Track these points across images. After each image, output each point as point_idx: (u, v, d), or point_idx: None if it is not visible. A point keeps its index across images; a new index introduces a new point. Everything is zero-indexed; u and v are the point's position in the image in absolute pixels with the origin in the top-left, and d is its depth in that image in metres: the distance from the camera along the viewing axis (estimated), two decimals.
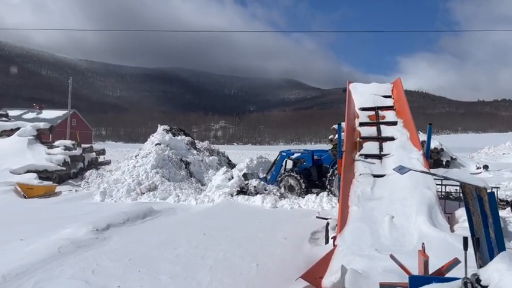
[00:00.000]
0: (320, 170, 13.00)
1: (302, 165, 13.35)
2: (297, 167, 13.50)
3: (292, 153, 13.84)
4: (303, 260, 5.96)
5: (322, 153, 13.52)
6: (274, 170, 13.95)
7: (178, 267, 5.63)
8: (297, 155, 13.83)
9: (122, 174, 14.16)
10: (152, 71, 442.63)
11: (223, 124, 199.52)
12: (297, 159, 13.84)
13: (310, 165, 13.11)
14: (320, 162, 13.14)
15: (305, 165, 13.23)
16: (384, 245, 4.78)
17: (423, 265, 3.15)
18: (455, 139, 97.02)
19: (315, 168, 13.03)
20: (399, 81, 10.32)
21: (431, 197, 5.63)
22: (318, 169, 13.03)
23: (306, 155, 13.48)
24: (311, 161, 13.12)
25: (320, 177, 12.88)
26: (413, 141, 7.73)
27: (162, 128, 17.55)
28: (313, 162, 13.11)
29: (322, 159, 13.17)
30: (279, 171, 13.76)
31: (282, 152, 14.14)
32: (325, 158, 13.08)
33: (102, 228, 7.52)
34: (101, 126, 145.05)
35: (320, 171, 12.99)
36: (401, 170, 3.07)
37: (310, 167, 13.09)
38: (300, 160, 13.60)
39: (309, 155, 13.28)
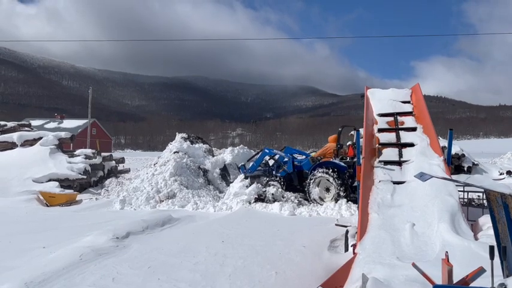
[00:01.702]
0: (301, 176, 13.30)
1: (283, 171, 13.64)
2: (279, 172, 13.81)
3: (274, 153, 14.29)
4: (322, 268, 5.90)
5: (302, 159, 13.91)
6: (255, 162, 14.51)
7: (197, 275, 5.64)
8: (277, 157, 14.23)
9: (141, 182, 14.30)
10: (170, 79, 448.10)
11: (240, 131, 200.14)
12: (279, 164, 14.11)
13: (291, 171, 13.42)
14: (300, 168, 13.42)
15: (286, 170, 13.52)
16: (405, 253, 4.69)
17: (447, 274, 3.07)
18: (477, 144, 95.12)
19: (296, 174, 13.36)
20: (418, 86, 10.18)
21: (453, 204, 5.51)
22: (299, 174, 13.35)
23: (287, 161, 13.84)
24: (292, 166, 13.41)
25: (301, 182, 13.18)
26: (433, 147, 7.59)
27: (180, 136, 17.69)
28: (293, 168, 13.40)
29: (302, 165, 13.43)
30: (258, 165, 14.34)
31: (265, 149, 14.81)
32: (305, 164, 13.32)
33: (122, 236, 7.60)
34: (120, 135, 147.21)
35: (301, 176, 13.28)
36: (422, 177, 3.02)
37: (291, 173, 13.40)
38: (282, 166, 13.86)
39: (290, 161, 13.61)
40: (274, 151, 14.48)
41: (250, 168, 14.45)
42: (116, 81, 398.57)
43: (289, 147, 15.44)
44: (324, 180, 11.98)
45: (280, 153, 14.19)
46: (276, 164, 14.19)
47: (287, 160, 13.89)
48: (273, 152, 14.41)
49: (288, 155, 14.07)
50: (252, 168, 14.36)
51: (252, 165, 14.56)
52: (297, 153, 15.12)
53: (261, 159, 14.46)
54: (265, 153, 14.48)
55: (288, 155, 14.13)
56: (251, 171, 14.29)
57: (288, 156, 13.95)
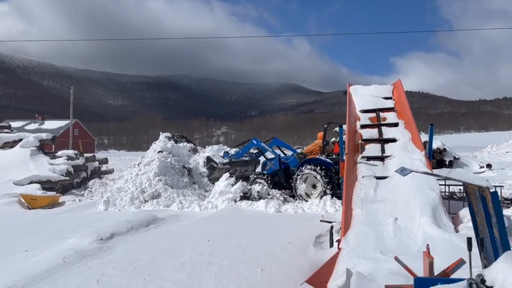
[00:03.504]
0: (287, 173, 13.38)
1: (270, 168, 13.71)
2: (266, 169, 13.90)
3: (261, 146, 14.36)
4: (308, 264, 5.95)
5: (288, 156, 14.08)
6: (241, 150, 14.72)
7: (183, 275, 5.62)
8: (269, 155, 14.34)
9: (125, 182, 14.17)
10: (153, 78, 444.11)
11: (225, 130, 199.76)
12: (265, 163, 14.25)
13: (277, 168, 13.49)
14: (287, 165, 13.53)
15: (273, 168, 13.60)
16: (388, 247, 4.76)
17: (428, 266, 3.13)
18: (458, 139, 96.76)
19: (282, 171, 13.43)
20: (399, 82, 10.31)
21: (434, 197, 5.61)
22: (286, 172, 13.42)
23: (273, 158, 13.95)
24: (278, 164, 13.49)
25: (287, 179, 13.25)
26: (415, 142, 7.71)
27: (164, 136, 17.58)
28: (280, 165, 13.48)
29: (289, 162, 13.56)
30: (244, 153, 14.54)
31: (253, 139, 14.87)
32: (291, 161, 13.47)
33: (106, 237, 7.52)
34: (103, 135, 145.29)
35: (287, 173, 13.36)
36: (403, 171, 3.07)
37: (278, 170, 13.47)
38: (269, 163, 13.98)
39: (276, 159, 13.71)
40: (262, 144, 14.48)
41: (235, 155, 14.56)
42: (98, 81, 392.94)
43: (277, 139, 15.44)
44: (311, 177, 12.02)
45: (265, 147, 14.22)
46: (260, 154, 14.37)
47: (273, 157, 13.94)
48: (260, 145, 14.44)
49: (274, 152, 14.11)
50: (237, 155, 14.49)
51: (237, 152, 14.70)
52: (284, 146, 15.21)
53: (247, 148, 14.54)
54: (253, 144, 14.55)
55: (274, 151, 14.16)
56: (236, 157, 14.38)
57: (275, 153, 13.98)
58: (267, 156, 14.49)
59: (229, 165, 14.63)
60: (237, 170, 14.36)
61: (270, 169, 13.72)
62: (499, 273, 1.83)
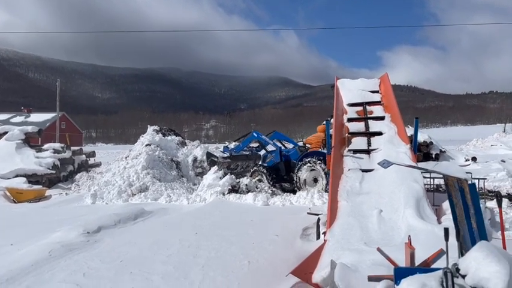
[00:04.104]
0: (288, 165, 13.26)
1: (271, 161, 13.59)
2: (266, 162, 13.75)
3: (262, 138, 14.11)
4: (294, 256, 6.00)
5: (289, 149, 13.92)
6: (242, 144, 14.48)
7: (170, 267, 5.64)
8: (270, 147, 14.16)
9: (113, 176, 14.10)
10: (141, 71, 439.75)
11: (214, 123, 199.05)
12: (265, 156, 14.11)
13: (278, 161, 13.37)
14: (288, 158, 13.41)
15: (273, 160, 13.47)
16: (372, 238, 4.84)
17: (409, 257, 3.21)
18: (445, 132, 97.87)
19: (283, 164, 13.30)
20: (386, 76, 10.40)
21: (418, 190, 5.70)
22: (286, 164, 13.29)
23: (274, 150, 13.81)
24: (279, 157, 13.38)
25: (288, 172, 13.13)
26: (401, 136, 7.81)
27: (152, 129, 17.50)
28: (281, 157, 13.37)
29: (290, 155, 13.45)
30: (244, 146, 14.33)
31: (254, 132, 14.59)
32: (292, 154, 13.37)
33: (93, 231, 7.50)
34: (90, 128, 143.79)
35: (288, 166, 13.24)
36: (384, 164, 3.12)
37: (278, 163, 13.34)
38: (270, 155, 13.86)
39: (277, 151, 13.56)
40: (263, 137, 14.21)
41: (235, 148, 14.35)
42: (85, 74, 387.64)
43: (278, 132, 15.16)
44: (313, 169, 11.94)
45: (267, 140, 13.98)
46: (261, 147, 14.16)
47: (274, 150, 13.74)
48: (261, 138, 14.17)
49: (275, 144, 13.89)
50: (237, 149, 14.27)
51: (237, 146, 14.48)
52: (285, 139, 14.95)
53: (247, 141, 14.32)
54: (253, 137, 14.30)
55: (275, 144, 13.93)
56: (236, 151, 14.18)
57: (276, 146, 13.77)
58: (267, 149, 14.28)
59: (229, 159, 14.39)
60: (238, 164, 14.13)
61: (270, 162, 13.55)
62: (472, 262, 1.89)
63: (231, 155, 14.29)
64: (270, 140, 14.35)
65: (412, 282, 2.03)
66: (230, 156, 14.37)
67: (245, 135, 15.18)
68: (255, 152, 14.57)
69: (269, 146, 14.34)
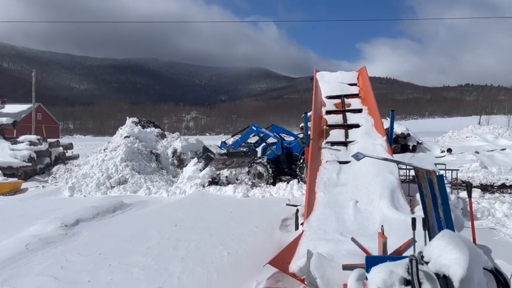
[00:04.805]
0: (290, 158, 13.06)
1: (271, 153, 13.38)
2: (266, 154, 13.54)
3: (262, 131, 13.78)
4: (273, 247, 6.10)
5: (291, 141, 13.63)
6: (240, 139, 14.14)
7: (149, 259, 5.67)
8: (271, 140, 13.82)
9: (91, 168, 13.94)
10: (120, 62, 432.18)
11: (195, 115, 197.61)
12: (265, 148, 13.96)
13: (279, 153, 13.15)
14: (289, 150, 13.20)
15: (274, 152, 13.27)
16: (348, 228, 4.96)
17: (382, 246, 3.32)
18: (423, 124, 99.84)
19: (285, 156, 13.07)
20: (364, 69, 10.55)
21: (393, 181, 5.86)
22: (288, 157, 13.07)
23: (275, 142, 13.54)
24: (280, 149, 13.18)
25: (290, 165, 12.95)
26: (377, 128, 7.97)
27: (131, 121, 17.32)
28: (282, 150, 13.17)
29: (291, 147, 13.25)
30: (243, 141, 13.99)
31: (253, 126, 14.15)
32: (294, 146, 13.17)
33: (71, 224, 7.45)
34: (68, 120, 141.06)
35: (290, 158, 13.05)
36: (358, 156, 3.22)
37: (280, 155, 13.12)
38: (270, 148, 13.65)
39: (279, 143, 13.31)
40: (262, 130, 13.85)
41: (234, 144, 14.04)
42: (62, 64, 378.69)
43: (277, 125, 14.73)
44: None
45: (267, 132, 13.62)
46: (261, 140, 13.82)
47: (275, 142, 13.47)
48: (261, 131, 13.81)
49: (276, 137, 13.61)
50: (236, 144, 13.95)
51: (236, 141, 14.11)
52: (285, 132, 14.58)
53: (246, 136, 13.98)
54: (252, 131, 13.96)
55: (276, 136, 13.63)
56: (234, 147, 13.89)
57: (277, 138, 13.50)
58: (268, 141, 13.91)
59: (226, 156, 14.12)
60: (233, 161, 13.85)
61: (270, 154, 13.35)
62: (435, 249, 1.99)
63: (228, 152, 14.03)
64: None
65: (381, 270, 2.12)
66: (227, 153, 14.09)
67: (243, 129, 14.78)
68: (253, 148, 14.33)
69: (270, 139, 13.94)
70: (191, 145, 16.52)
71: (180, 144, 16.10)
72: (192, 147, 16.31)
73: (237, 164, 13.60)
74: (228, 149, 14.04)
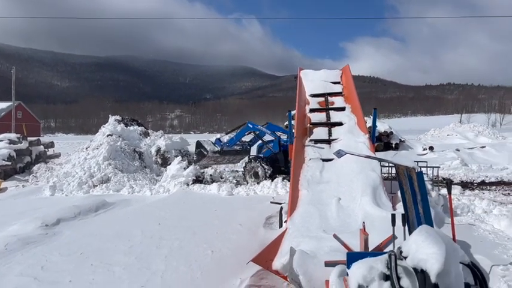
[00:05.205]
0: (286, 156, 12.76)
1: (268, 151, 13.23)
2: (262, 152, 13.40)
3: (258, 129, 13.50)
4: (257, 245, 6.10)
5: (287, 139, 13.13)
6: (235, 136, 13.91)
7: (132, 258, 5.62)
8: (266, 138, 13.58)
9: (73, 167, 13.74)
10: (103, 59, 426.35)
11: (179, 113, 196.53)
12: (261, 146, 13.80)
13: (277, 151, 12.98)
14: (286, 148, 12.77)
15: (271, 150, 13.11)
16: (331, 226, 5.00)
17: (363, 242, 3.36)
18: (405, 122, 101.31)
19: (282, 154, 12.91)
20: (347, 67, 10.63)
21: (375, 178, 5.92)
22: (285, 155, 12.85)
23: (272, 140, 13.38)
24: (278, 147, 13.02)
25: (287, 162, 12.71)
26: (360, 126, 8.04)
27: (114, 119, 17.14)
28: (280, 148, 13.01)
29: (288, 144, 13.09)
30: (238, 139, 13.78)
31: (249, 123, 13.83)
32: None
33: (52, 223, 7.34)
34: (49, 118, 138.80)
35: (286, 156, 12.76)
36: (339, 153, 3.24)
37: (277, 153, 12.97)
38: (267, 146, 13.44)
39: (276, 141, 13.14)
40: (259, 127, 13.54)
41: (228, 142, 13.81)
42: (44, 61, 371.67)
43: (271, 123, 14.46)
44: None
45: (263, 130, 13.34)
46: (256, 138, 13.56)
47: (272, 139, 13.26)
48: (257, 128, 13.50)
49: (274, 134, 13.39)
50: (230, 142, 13.73)
51: (231, 139, 13.87)
52: (280, 130, 14.28)
53: (242, 133, 13.71)
54: (248, 128, 13.63)
55: (273, 133, 13.41)
56: (229, 145, 13.66)
57: (274, 135, 13.29)
58: (264, 139, 13.59)
59: (219, 153, 13.93)
60: (225, 158, 13.74)
61: (267, 152, 13.16)
62: (412, 244, 2.03)
63: (221, 150, 13.81)
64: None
65: (361, 266, 2.15)
66: (220, 151, 13.90)
67: (238, 127, 14.43)
68: (246, 146, 14.20)
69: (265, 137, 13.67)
70: (175, 143, 16.39)
71: (163, 143, 15.97)
72: (176, 146, 16.20)
73: (228, 161, 13.50)
74: (221, 147, 13.88)
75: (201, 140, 15.13)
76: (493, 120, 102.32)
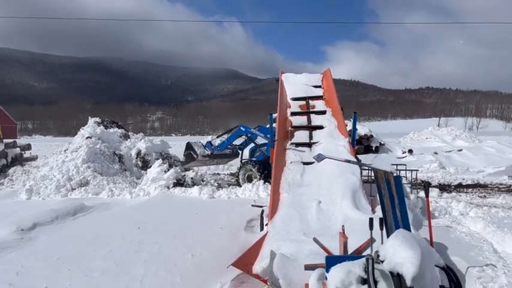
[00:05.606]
0: None
1: (261, 155, 13.08)
2: (256, 156, 13.27)
3: (250, 132, 13.30)
4: (238, 248, 6.08)
5: None
6: (227, 140, 13.74)
7: (111, 263, 5.53)
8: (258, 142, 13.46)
9: (50, 170, 13.45)
10: (82, 60, 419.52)
11: (161, 115, 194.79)
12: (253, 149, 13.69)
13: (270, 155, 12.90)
14: None
15: (264, 154, 12.90)
16: (311, 229, 5.03)
17: (343, 246, 3.38)
18: (385, 125, 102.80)
19: None
20: (328, 71, 10.73)
21: (355, 181, 5.99)
22: None
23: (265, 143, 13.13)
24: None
25: None
26: (340, 129, 8.13)
27: (93, 121, 16.86)
28: None
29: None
30: (230, 143, 13.60)
31: (241, 126, 13.67)
32: None
33: (27, 228, 7.17)
34: (26, 120, 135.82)
35: None
36: (318, 158, 3.27)
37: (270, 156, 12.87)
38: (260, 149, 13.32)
39: (269, 144, 12.47)
40: (251, 130, 13.29)
41: (220, 145, 13.60)
42: (21, 61, 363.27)
43: (263, 126, 14.09)
44: None
45: (256, 133, 13.08)
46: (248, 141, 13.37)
47: (266, 142, 12.99)
48: (249, 132, 13.26)
49: (267, 137, 12.98)
50: (222, 146, 13.50)
51: (222, 143, 13.63)
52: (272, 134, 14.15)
53: (233, 137, 13.48)
54: (240, 131, 13.40)
55: (266, 136, 13.01)
56: (220, 148, 13.44)
57: (267, 139, 12.84)
58: (257, 142, 13.39)
59: (208, 157, 13.75)
60: (213, 160, 13.57)
61: (260, 156, 12.97)
62: (389, 248, 2.06)
63: (212, 154, 13.60)
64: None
65: (340, 270, 2.17)
66: (210, 155, 13.71)
67: (229, 130, 14.17)
68: (237, 150, 14.06)
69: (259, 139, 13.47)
70: (156, 146, 16.23)
71: (144, 145, 15.80)
72: (156, 148, 16.04)
73: (216, 163, 13.34)
74: (212, 151, 13.73)
75: (191, 142, 14.86)
76: (469, 123, 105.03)
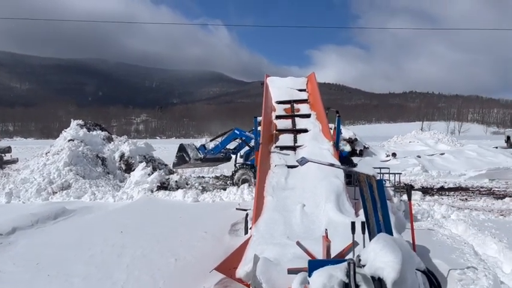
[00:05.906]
0: None
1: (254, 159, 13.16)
2: (250, 160, 13.20)
3: (245, 135, 13.20)
4: (223, 252, 6.05)
5: None
6: (221, 143, 13.64)
7: (92, 268, 5.44)
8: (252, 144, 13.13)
9: (31, 173, 13.20)
10: (65, 61, 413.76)
11: (145, 117, 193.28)
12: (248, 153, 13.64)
13: None
14: None
15: None
16: (295, 232, 5.03)
17: (326, 249, 3.38)
18: (370, 129, 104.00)
19: None
20: (313, 75, 10.80)
21: (339, 185, 6.02)
22: None
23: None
24: None
25: None
26: (324, 133, 8.18)
27: (76, 123, 16.62)
28: None
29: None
30: (224, 146, 13.52)
31: (235, 129, 13.54)
32: None
33: (6, 232, 7.02)
34: (7, 122, 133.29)
35: None
36: (301, 161, 3.27)
37: None
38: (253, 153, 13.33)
39: None
40: (246, 133, 13.15)
41: (213, 149, 13.46)
42: (1, 62, 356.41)
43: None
44: None
45: (251, 136, 12.91)
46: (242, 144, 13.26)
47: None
48: (244, 135, 13.13)
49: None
50: (215, 149, 13.37)
51: (216, 146, 13.51)
52: None
53: (227, 140, 13.40)
54: (235, 135, 13.30)
55: None
56: (214, 152, 13.30)
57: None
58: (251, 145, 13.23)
59: (200, 161, 13.64)
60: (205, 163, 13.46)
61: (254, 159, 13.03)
62: (371, 252, 2.07)
63: (204, 157, 13.49)
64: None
65: (322, 274, 2.17)
66: (203, 159, 13.60)
67: (224, 133, 14.03)
68: (229, 154, 13.89)
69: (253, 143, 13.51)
70: (140, 149, 16.08)
71: (127, 148, 15.63)
72: (140, 151, 15.89)
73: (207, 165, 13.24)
74: (205, 154, 13.60)
75: (184, 144, 14.72)
76: (452, 127, 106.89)
